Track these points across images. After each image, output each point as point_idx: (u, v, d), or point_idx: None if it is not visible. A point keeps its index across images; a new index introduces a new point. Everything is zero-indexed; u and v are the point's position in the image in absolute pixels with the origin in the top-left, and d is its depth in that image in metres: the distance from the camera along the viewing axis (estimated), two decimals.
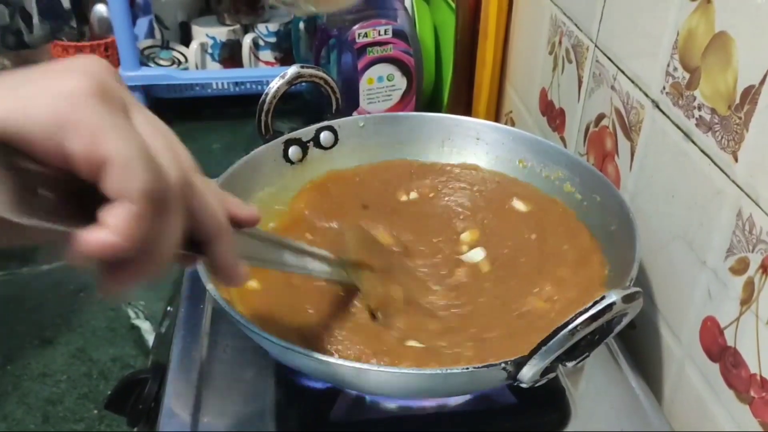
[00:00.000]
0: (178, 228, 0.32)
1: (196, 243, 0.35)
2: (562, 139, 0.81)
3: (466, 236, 0.65)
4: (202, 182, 0.34)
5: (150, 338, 0.86)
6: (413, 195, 0.71)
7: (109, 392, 0.59)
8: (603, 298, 0.39)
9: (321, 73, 0.71)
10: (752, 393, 0.48)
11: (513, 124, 0.98)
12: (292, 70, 0.69)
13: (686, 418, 0.56)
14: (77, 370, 0.82)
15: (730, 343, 0.50)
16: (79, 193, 0.30)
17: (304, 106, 1.24)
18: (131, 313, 0.89)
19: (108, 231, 0.28)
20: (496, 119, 1.06)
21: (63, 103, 0.28)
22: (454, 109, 1.08)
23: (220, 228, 0.35)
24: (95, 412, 0.78)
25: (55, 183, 0.29)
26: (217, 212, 0.35)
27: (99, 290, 0.31)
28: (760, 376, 0.47)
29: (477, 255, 0.62)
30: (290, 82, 0.69)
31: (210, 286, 0.49)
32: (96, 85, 0.29)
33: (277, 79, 0.68)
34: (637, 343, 0.63)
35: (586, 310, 0.39)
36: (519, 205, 0.67)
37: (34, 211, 0.28)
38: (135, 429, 0.60)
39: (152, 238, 0.30)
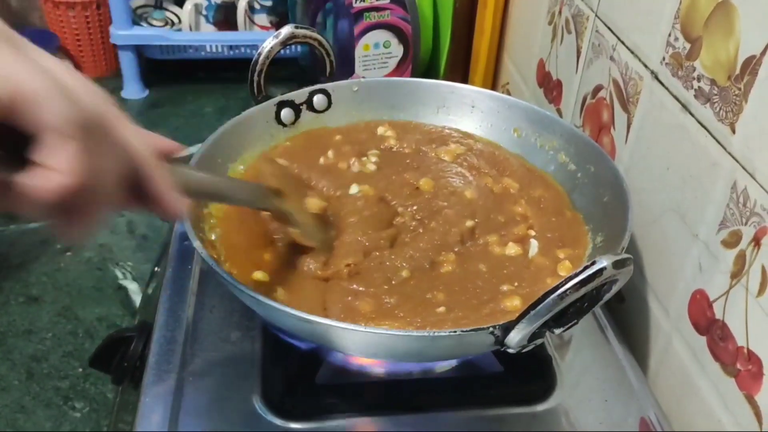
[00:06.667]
0: (113, 159, 0.32)
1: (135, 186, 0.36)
2: (559, 111, 0.80)
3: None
4: (119, 118, 0.34)
5: (137, 299, 0.86)
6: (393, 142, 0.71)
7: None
8: (594, 263, 0.39)
9: (315, 34, 0.70)
10: (738, 366, 0.48)
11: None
12: (285, 30, 0.68)
13: (671, 391, 0.56)
14: (63, 328, 0.82)
15: (718, 316, 0.50)
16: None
17: (299, 72, 1.23)
18: (119, 274, 0.89)
19: (54, 172, 0.28)
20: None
21: None
22: (450, 80, 1.06)
23: (145, 158, 0.35)
24: (80, 370, 0.78)
25: None
26: (139, 144, 0.35)
27: (58, 237, 0.31)
28: (747, 349, 0.47)
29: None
30: (283, 43, 0.67)
31: (197, 244, 0.49)
32: None
33: (271, 39, 0.67)
34: (625, 315, 0.63)
35: (577, 275, 0.39)
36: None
37: None
38: (120, 387, 0.60)
39: (94, 172, 0.30)
